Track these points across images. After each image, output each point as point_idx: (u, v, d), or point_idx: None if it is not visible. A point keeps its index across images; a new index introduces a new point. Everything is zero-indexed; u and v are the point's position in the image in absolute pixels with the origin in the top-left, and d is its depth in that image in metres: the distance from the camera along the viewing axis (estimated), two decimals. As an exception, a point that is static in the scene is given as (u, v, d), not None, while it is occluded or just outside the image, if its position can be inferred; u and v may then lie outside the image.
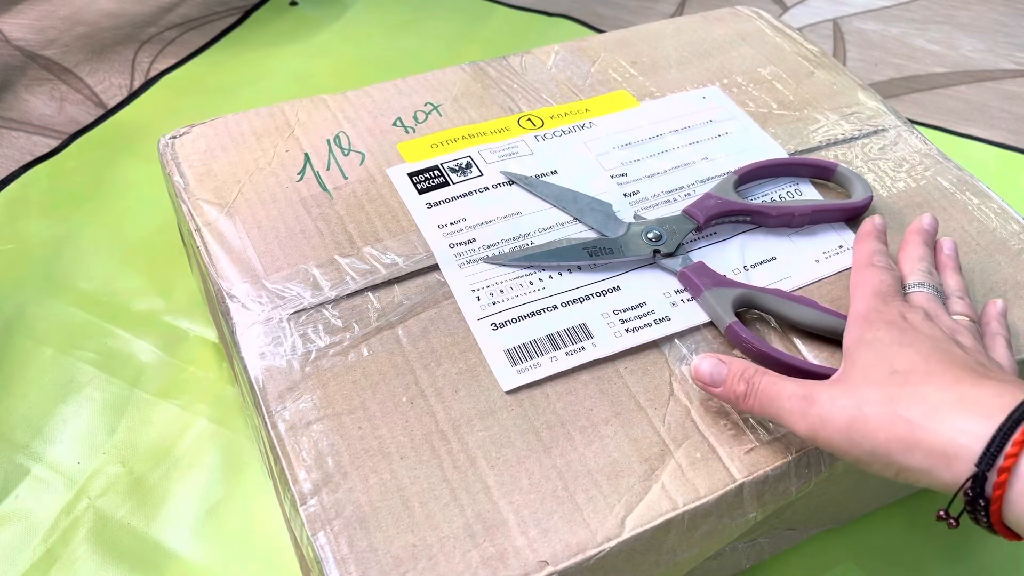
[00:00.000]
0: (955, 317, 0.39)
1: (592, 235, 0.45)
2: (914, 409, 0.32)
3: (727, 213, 0.46)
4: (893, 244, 0.47)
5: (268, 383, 0.39)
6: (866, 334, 0.36)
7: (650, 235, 0.45)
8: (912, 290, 0.40)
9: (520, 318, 0.42)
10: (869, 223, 0.44)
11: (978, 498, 0.30)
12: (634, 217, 0.46)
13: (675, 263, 0.44)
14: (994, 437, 0.29)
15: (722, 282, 0.43)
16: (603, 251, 0.44)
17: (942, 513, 0.32)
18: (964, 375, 0.33)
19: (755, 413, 0.37)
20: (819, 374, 0.39)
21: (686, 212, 0.46)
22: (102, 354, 0.58)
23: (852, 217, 0.47)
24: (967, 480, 0.30)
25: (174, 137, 0.50)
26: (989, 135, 0.79)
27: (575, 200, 0.47)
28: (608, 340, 0.41)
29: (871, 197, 0.47)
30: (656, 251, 0.44)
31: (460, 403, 0.39)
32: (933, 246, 0.44)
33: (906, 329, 0.36)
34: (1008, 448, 0.29)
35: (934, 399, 0.32)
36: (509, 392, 0.39)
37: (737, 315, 0.41)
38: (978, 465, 0.29)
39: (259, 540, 0.49)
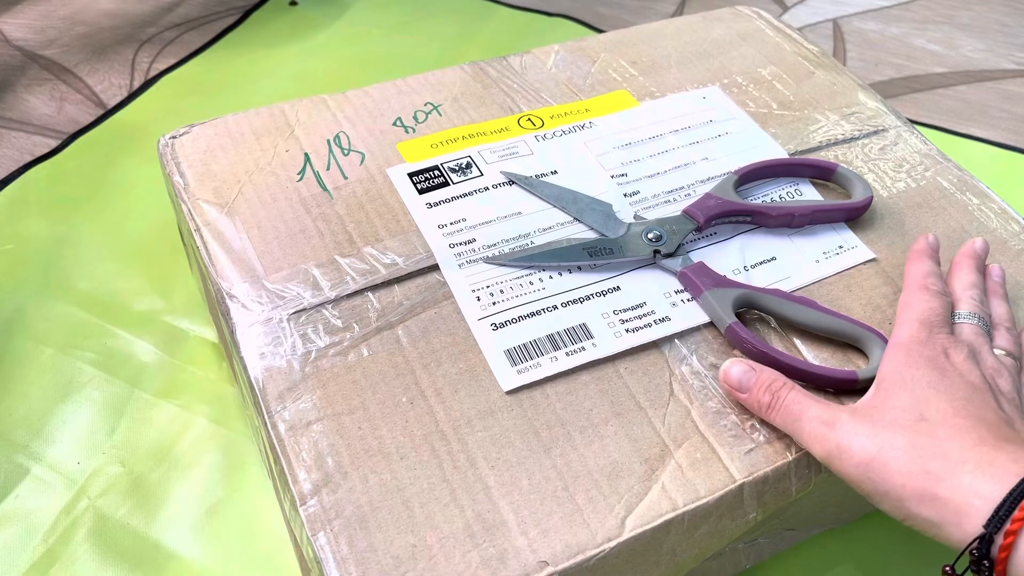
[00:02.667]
0: (998, 352, 0.39)
1: (592, 235, 0.45)
2: (936, 463, 0.32)
3: (727, 213, 0.46)
4: (897, 245, 0.47)
5: (268, 383, 0.39)
6: (904, 369, 0.36)
7: (650, 235, 0.45)
8: (961, 320, 0.40)
9: (520, 318, 0.42)
10: (923, 241, 0.44)
11: (983, 558, 0.31)
12: (634, 217, 0.46)
13: (675, 263, 0.44)
14: (1004, 501, 0.30)
15: (722, 282, 0.43)
16: (603, 251, 0.44)
17: (948, 569, 0.33)
18: (988, 435, 0.33)
19: (776, 425, 0.38)
20: (819, 375, 0.39)
21: (686, 212, 0.46)
22: (102, 354, 0.58)
23: (852, 217, 0.47)
24: (974, 540, 0.31)
25: (174, 137, 0.50)
26: (989, 135, 0.79)
27: (575, 200, 0.47)
28: (608, 340, 0.41)
29: (871, 197, 0.47)
30: (656, 251, 0.44)
31: (460, 403, 0.39)
32: (983, 271, 0.43)
33: (946, 371, 0.36)
34: (1016, 513, 0.30)
35: (956, 456, 0.32)
36: (509, 392, 0.39)
37: (737, 315, 0.41)
38: (986, 527, 0.30)
39: (259, 540, 0.49)
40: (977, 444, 0.32)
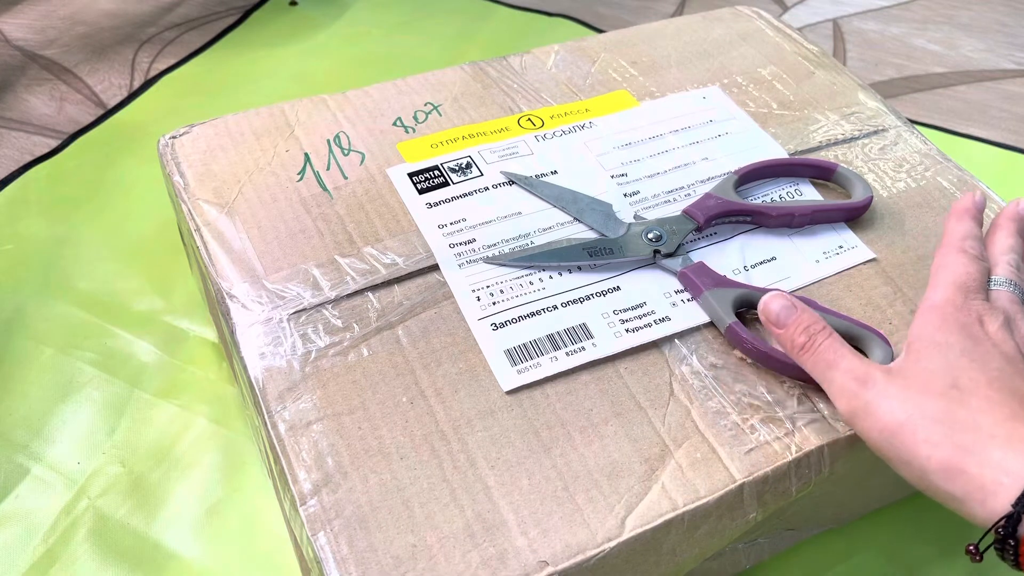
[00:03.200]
0: None
1: (592, 235, 0.45)
2: (966, 435, 0.31)
3: (727, 213, 0.46)
4: (897, 245, 0.47)
5: (268, 383, 0.39)
6: (937, 334, 0.35)
7: (650, 235, 0.45)
8: (996, 287, 0.38)
9: (520, 318, 0.42)
10: (968, 199, 0.41)
11: (1008, 537, 0.30)
12: (634, 217, 0.46)
13: (675, 263, 0.44)
14: None
15: (722, 282, 0.43)
16: (603, 251, 0.44)
17: (971, 548, 0.32)
18: (1020, 410, 0.32)
19: (806, 369, 0.37)
20: None
21: (686, 212, 0.46)
22: (102, 354, 0.58)
23: (852, 217, 0.47)
24: (1001, 519, 0.30)
25: (174, 137, 0.50)
26: (989, 135, 0.79)
27: (575, 200, 0.47)
28: (608, 340, 0.41)
29: (871, 197, 0.47)
30: (656, 251, 0.44)
31: (460, 403, 0.39)
32: None
33: (980, 340, 0.35)
34: None
35: (987, 430, 0.31)
36: (509, 392, 0.39)
37: (737, 315, 0.41)
38: (1015, 506, 0.29)
39: (259, 540, 0.49)
40: (1009, 419, 0.31)
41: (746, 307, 0.42)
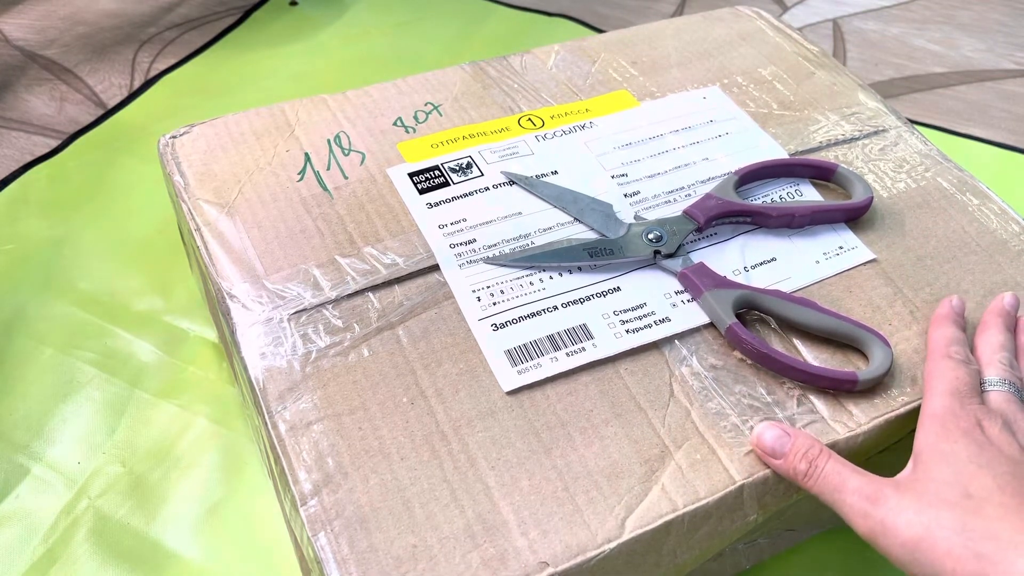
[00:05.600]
0: None
1: (593, 235, 0.45)
2: (987, 544, 0.32)
3: (728, 214, 0.46)
4: (897, 245, 0.47)
5: (268, 383, 0.39)
6: (941, 443, 0.35)
7: (650, 236, 0.45)
8: (991, 388, 0.38)
9: (520, 319, 0.42)
10: (946, 305, 0.42)
11: None
12: (634, 218, 0.46)
13: (675, 264, 0.44)
14: None
15: (722, 283, 0.43)
16: (603, 251, 0.44)
17: None
18: None
19: (813, 494, 0.37)
20: (819, 375, 0.39)
21: (686, 213, 0.46)
22: (102, 354, 0.58)
23: (852, 218, 0.47)
24: None
25: (174, 137, 0.50)
26: (989, 135, 0.79)
27: (575, 200, 0.47)
28: (608, 341, 0.41)
29: (871, 198, 0.47)
30: (656, 252, 0.44)
31: (460, 404, 0.39)
32: (1014, 329, 0.42)
33: (984, 445, 0.35)
34: None
35: (1007, 538, 0.32)
36: (509, 393, 0.39)
37: (737, 316, 0.41)
38: None
39: (259, 540, 0.49)
40: None
41: (746, 308, 0.42)
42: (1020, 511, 0.33)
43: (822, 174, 0.50)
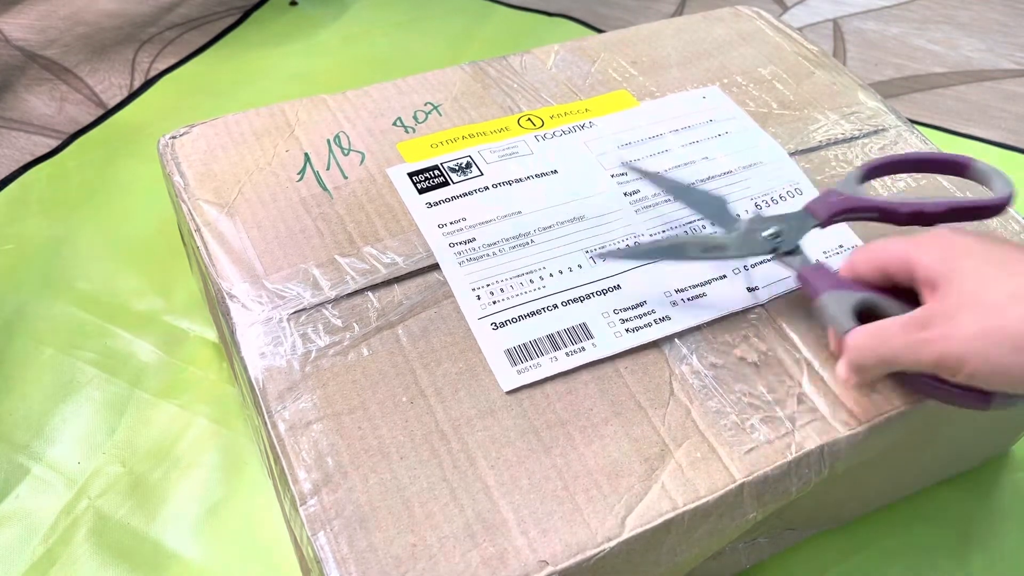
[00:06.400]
0: None
1: (709, 231, 0.45)
2: None
3: (851, 210, 0.43)
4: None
5: (268, 383, 0.39)
6: (949, 260, 0.35)
7: (767, 232, 0.43)
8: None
9: (520, 317, 0.42)
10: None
11: None
12: (752, 213, 0.45)
13: (794, 262, 0.42)
14: None
15: (842, 285, 0.39)
16: (718, 247, 0.43)
17: None
18: None
19: (873, 371, 0.37)
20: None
21: (807, 209, 0.43)
22: (102, 354, 0.58)
23: (990, 216, 0.44)
24: None
25: (174, 137, 0.50)
26: (989, 135, 0.79)
27: (689, 193, 0.47)
28: (608, 340, 0.41)
29: (1011, 194, 0.42)
30: (773, 249, 0.42)
31: (460, 403, 0.39)
32: None
33: (982, 238, 0.35)
34: None
35: None
36: (509, 392, 0.39)
37: (860, 322, 0.38)
38: None
39: (259, 540, 0.49)
40: None
41: (867, 312, 0.38)
42: None
43: (953, 169, 0.45)
